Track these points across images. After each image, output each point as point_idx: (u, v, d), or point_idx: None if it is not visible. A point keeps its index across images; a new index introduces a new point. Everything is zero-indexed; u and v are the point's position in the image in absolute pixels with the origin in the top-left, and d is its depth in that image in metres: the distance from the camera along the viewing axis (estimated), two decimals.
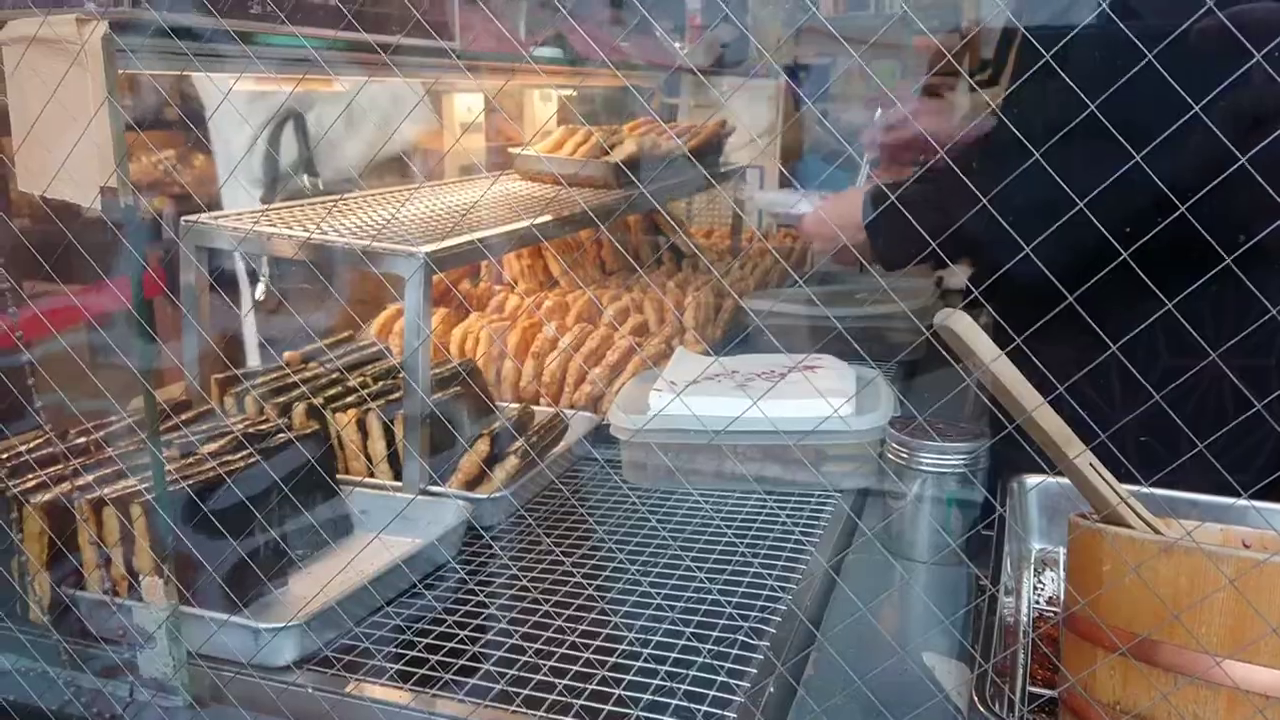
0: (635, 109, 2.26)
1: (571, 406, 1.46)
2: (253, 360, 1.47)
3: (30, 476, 0.95)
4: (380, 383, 1.31)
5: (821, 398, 1.24)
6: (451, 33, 1.15)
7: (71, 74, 0.75)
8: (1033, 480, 1.08)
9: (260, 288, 1.35)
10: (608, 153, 1.77)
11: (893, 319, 1.80)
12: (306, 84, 1.39)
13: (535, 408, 1.42)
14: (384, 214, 1.35)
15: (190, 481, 0.91)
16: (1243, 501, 0.90)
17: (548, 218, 1.43)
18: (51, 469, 0.96)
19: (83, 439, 1.03)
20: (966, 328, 0.60)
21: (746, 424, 1.18)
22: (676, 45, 2.27)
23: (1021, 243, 0.60)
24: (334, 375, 1.30)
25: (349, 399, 1.24)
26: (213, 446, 1.03)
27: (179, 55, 0.84)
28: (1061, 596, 0.95)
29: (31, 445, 1.00)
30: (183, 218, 1.18)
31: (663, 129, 2.08)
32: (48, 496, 0.91)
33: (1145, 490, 0.97)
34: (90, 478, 0.94)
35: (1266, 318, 1.03)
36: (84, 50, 0.73)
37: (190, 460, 0.99)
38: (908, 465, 1.12)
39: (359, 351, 1.42)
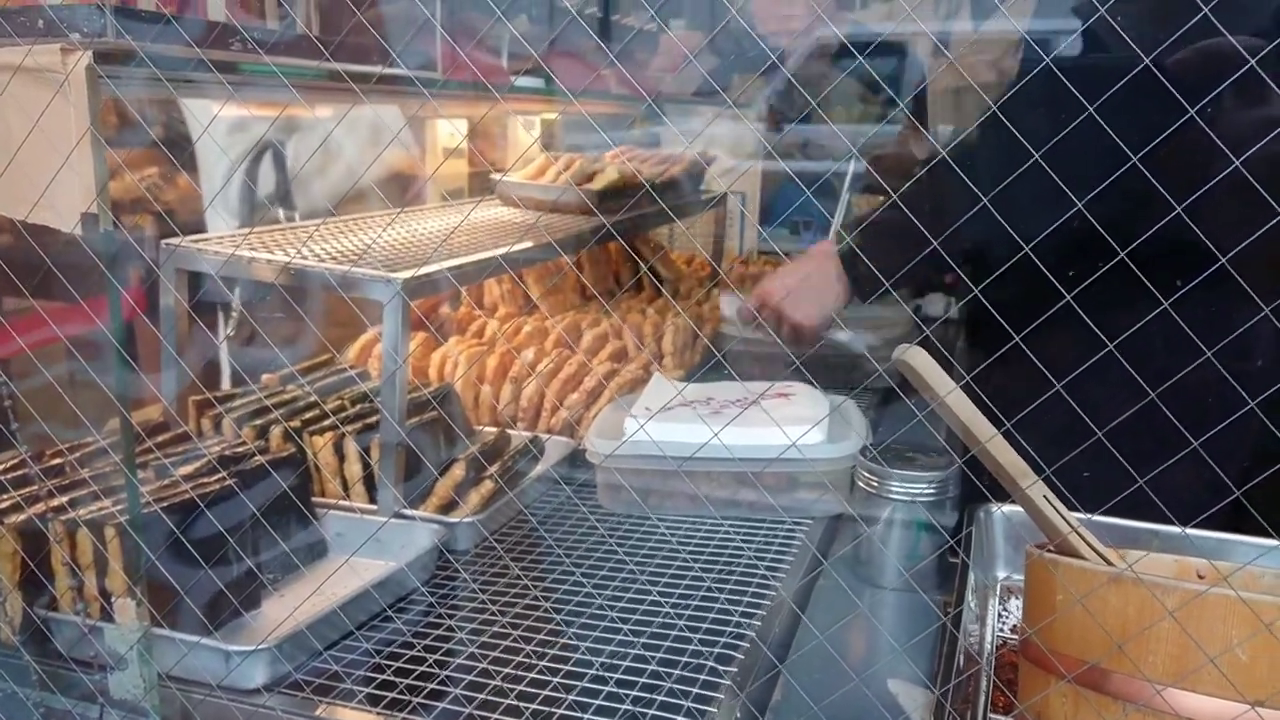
0: (617, 135, 2.28)
1: (549, 431, 1.48)
2: (231, 382, 1.48)
3: (5, 497, 0.95)
4: (358, 406, 1.32)
5: (794, 424, 1.26)
6: (433, 62, 1.17)
7: (55, 102, 0.76)
8: (997, 508, 1.10)
9: (233, 320, 1.36)
10: (589, 180, 1.80)
11: (871, 346, 1.82)
12: (288, 110, 1.41)
13: (512, 432, 1.43)
14: (363, 239, 1.37)
15: (165, 504, 0.92)
16: (1195, 531, 0.92)
17: (528, 244, 1.45)
18: (26, 490, 0.96)
19: (58, 460, 1.04)
20: (923, 363, 0.62)
21: (720, 450, 1.20)
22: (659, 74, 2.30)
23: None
24: (312, 399, 1.31)
25: (326, 422, 1.25)
26: (189, 469, 1.04)
27: (163, 81, 0.85)
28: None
29: (6, 466, 1.01)
30: (163, 241, 1.19)
31: (644, 156, 2.11)
32: (21, 517, 0.92)
33: (1107, 521, 1.00)
34: (64, 499, 0.94)
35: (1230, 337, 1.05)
36: (68, 79, 0.74)
37: (165, 483, 1.00)
38: (877, 492, 1.14)
39: (337, 375, 1.43)
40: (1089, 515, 0.98)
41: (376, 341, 1.64)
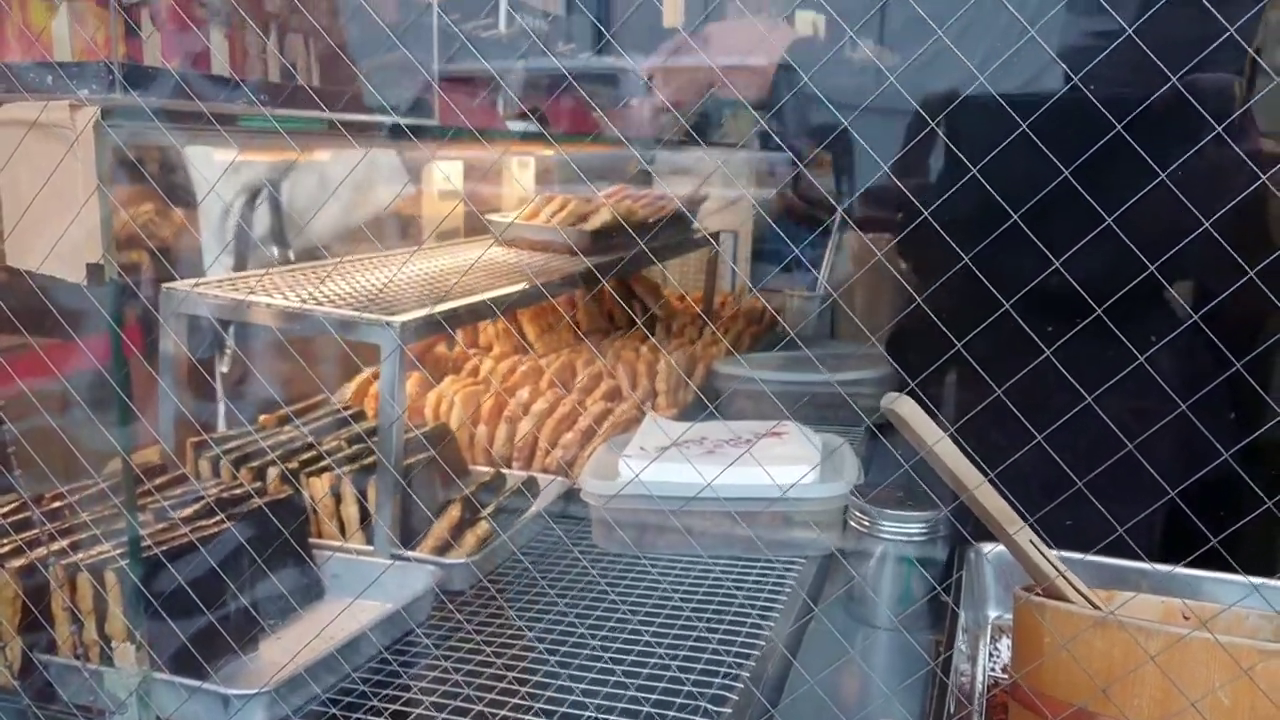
0: (611, 176, 2.31)
1: (544, 470, 1.49)
2: (227, 423, 1.49)
3: (5, 541, 0.96)
4: (354, 447, 1.33)
5: (787, 464, 1.27)
6: (430, 109, 1.20)
7: (61, 154, 0.78)
8: (988, 548, 1.12)
9: (226, 358, 1.37)
10: (583, 221, 1.82)
11: (860, 384, 1.84)
12: (285, 153, 1.43)
13: (507, 472, 1.44)
14: (361, 282, 1.39)
15: (164, 548, 0.93)
16: (1181, 570, 0.94)
17: (523, 285, 1.47)
18: (27, 534, 0.97)
19: (58, 503, 1.05)
20: (910, 411, 0.64)
21: (713, 490, 1.22)
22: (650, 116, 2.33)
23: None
24: (309, 439, 1.32)
25: (323, 464, 1.26)
26: (187, 512, 1.05)
27: (166, 134, 0.87)
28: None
29: (6, 510, 1.02)
30: (162, 285, 1.21)
31: (637, 196, 2.14)
32: (22, 561, 0.93)
33: (1094, 560, 1.01)
34: (65, 543, 0.95)
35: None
36: (76, 135, 0.76)
37: (164, 526, 1.01)
38: (869, 532, 1.15)
39: (334, 415, 1.44)
40: (1079, 555, 1.00)
41: (372, 381, 1.66)
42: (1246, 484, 0.88)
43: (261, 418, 1.41)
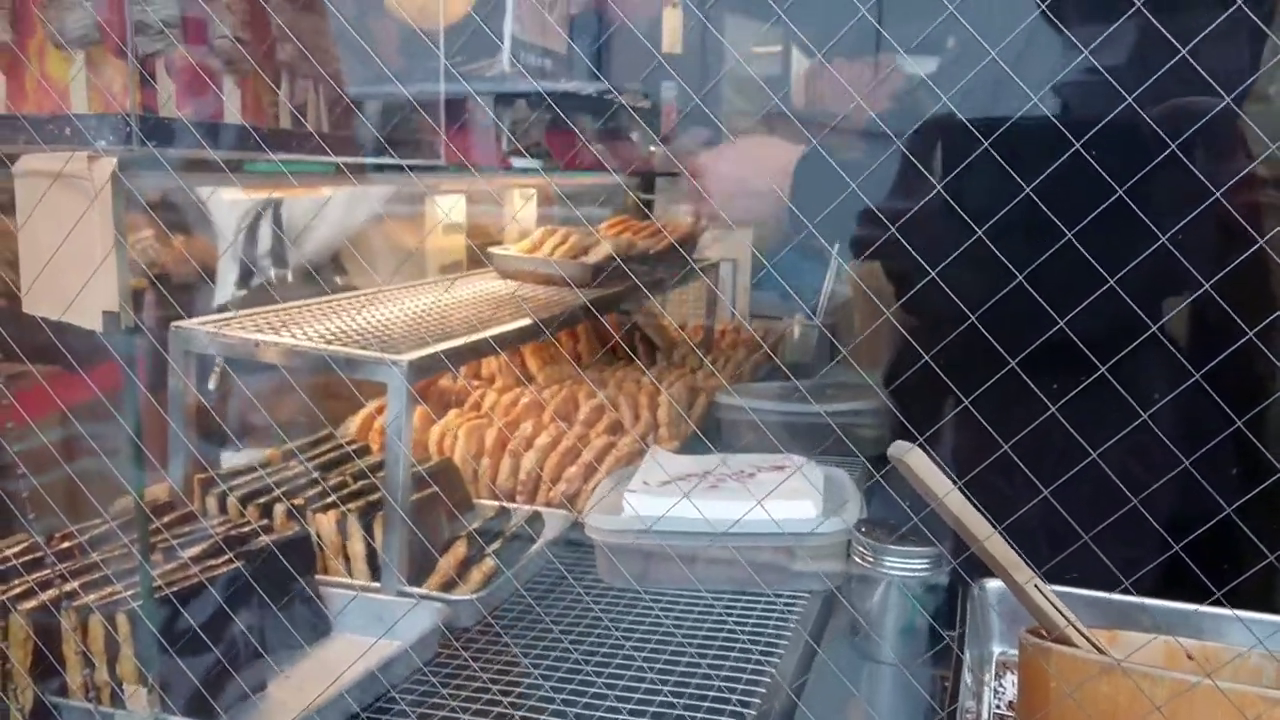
0: (612, 206, 2.34)
1: (548, 504, 1.50)
2: (236, 455, 1.50)
3: (17, 582, 0.97)
4: (360, 482, 1.33)
5: (790, 498, 1.28)
6: (435, 149, 1.22)
7: (79, 206, 0.79)
8: (992, 583, 1.12)
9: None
10: (584, 253, 1.84)
11: (861, 414, 1.85)
12: (293, 190, 1.45)
13: (512, 505, 1.45)
14: (366, 317, 1.40)
15: (175, 589, 0.93)
16: (1184, 606, 0.95)
17: (527, 321, 1.48)
18: (38, 575, 0.98)
19: (68, 543, 1.05)
20: (919, 462, 0.65)
21: (718, 525, 1.23)
22: (652, 148, 2.35)
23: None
24: (315, 474, 1.33)
25: (329, 499, 1.27)
26: (195, 551, 1.06)
27: (179, 180, 0.88)
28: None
29: (19, 550, 1.02)
30: (172, 324, 1.22)
31: (638, 228, 2.16)
32: (34, 603, 0.93)
33: (1095, 595, 1.02)
34: (76, 584, 0.96)
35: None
36: (94, 185, 0.78)
37: (173, 566, 1.01)
38: (873, 567, 1.16)
39: (339, 449, 1.45)
40: (1080, 591, 1.01)
41: (377, 415, 1.67)
42: (1247, 516, 0.89)
43: (267, 453, 1.41)
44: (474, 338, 1.32)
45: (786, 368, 2.45)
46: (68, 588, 0.95)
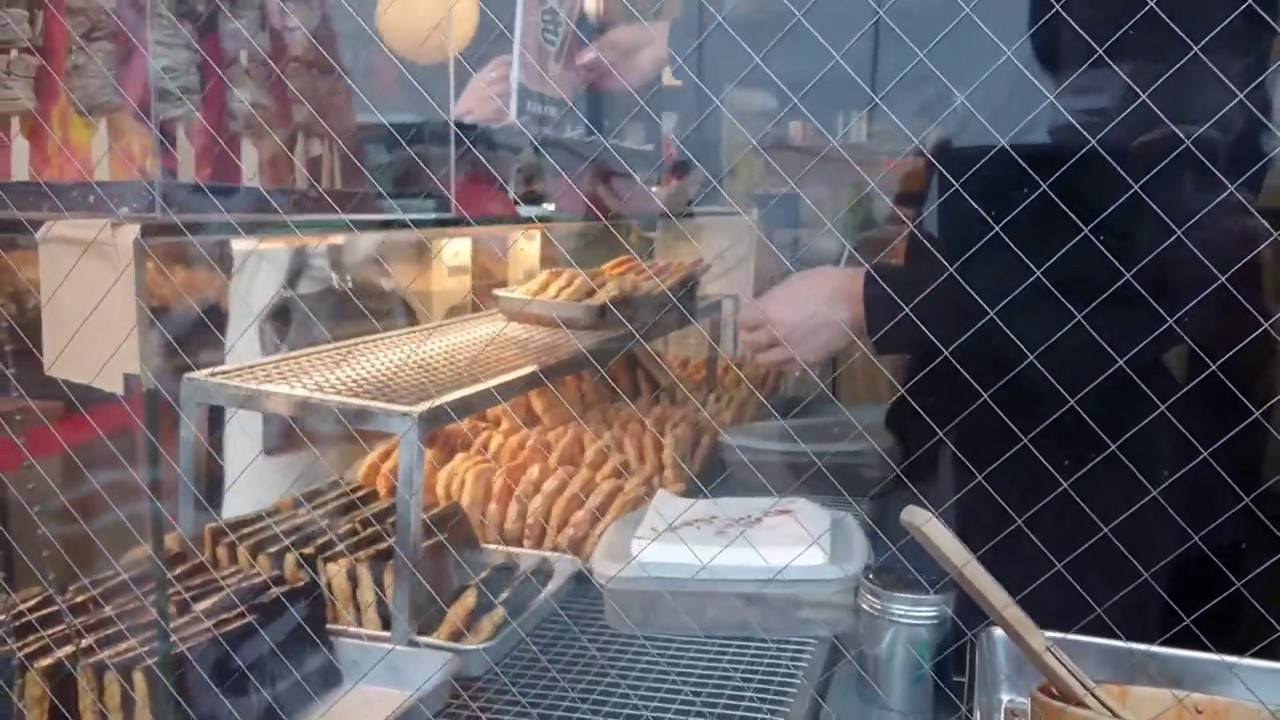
0: (615, 247, 2.35)
1: (555, 548, 1.50)
2: (243, 504, 1.50)
3: (33, 638, 0.97)
4: (369, 530, 1.34)
5: (795, 545, 1.29)
6: (445, 200, 1.24)
7: (102, 271, 0.81)
8: (1000, 631, 1.13)
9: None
10: (589, 295, 1.86)
11: (865, 454, 1.85)
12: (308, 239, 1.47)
13: (520, 550, 1.46)
14: (373, 366, 1.42)
15: (190, 646, 0.94)
16: (1191, 654, 0.95)
17: (534, 367, 1.49)
18: (54, 630, 0.98)
19: (82, 597, 1.06)
20: (932, 529, 0.66)
21: (724, 572, 1.24)
22: (653, 190, 2.38)
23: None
24: (325, 523, 1.34)
25: (338, 548, 1.28)
26: (207, 604, 1.06)
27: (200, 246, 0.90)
28: None
29: (33, 604, 1.03)
30: (184, 376, 1.23)
31: (641, 268, 2.18)
32: (49, 660, 0.94)
33: (1102, 643, 1.03)
34: (91, 639, 0.96)
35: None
36: (116, 252, 0.79)
37: (187, 620, 1.02)
38: (880, 615, 1.16)
39: (347, 496, 1.46)
40: (1087, 639, 1.01)
41: (384, 459, 1.68)
42: (1253, 559, 0.90)
43: (276, 500, 1.42)
44: (483, 386, 1.33)
45: (789, 404, 2.46)
46: (84, 643, 0.95)
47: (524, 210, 1.56)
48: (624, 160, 2.05)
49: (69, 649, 0.94)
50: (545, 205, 1.68)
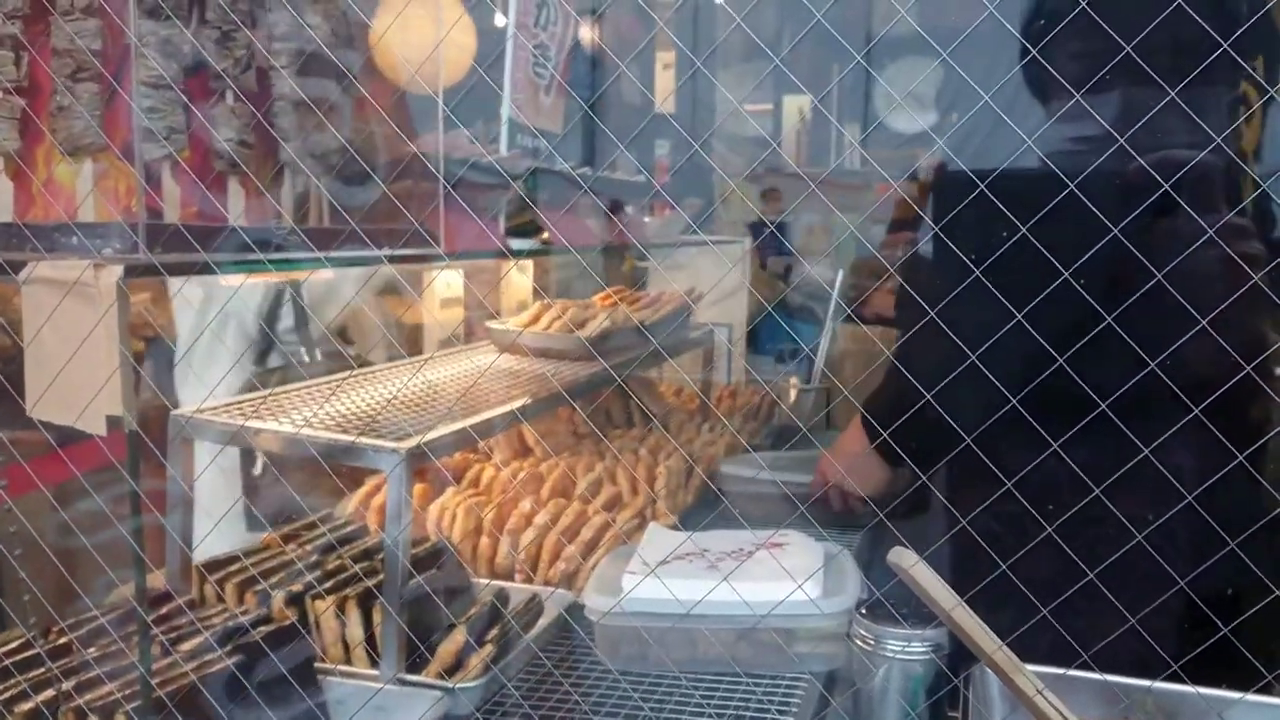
0: (608, 277, 2.36)
1: (547, 582, 1.49)
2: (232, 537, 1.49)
3: (12, 682, 0.96)
4: (359, 565, 1.33)
5: (787, 580, 1.28)
6: (436, 237, 1.24)
7: (83, 311, 0.80)
8: None
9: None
10: (581, 326, 1.85)
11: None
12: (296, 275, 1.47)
13: (511, 585, 1.45)
14: (362, 401, 1.41)
15: (172, 688, 0.93)
16: (1186, 689, 0.94)
17: (526, 400, 1.49)
18: (33, 674, 0.97)
19: (63, 639, 1.05)
20: (923, 574, 0.65)
21: (716, 607, 1.22)
22: (646, 219, 2.39)
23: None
24: (312, 559, 1.33)
25: (327, 584, 1.26)
26: (192, 644, 1.05)
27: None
28: None
29: (13, 647, 1.02)
30: (171, 412, 1.23)
31: (633, 298, 2.18)
32: (29, 706, 0.92)
33: (1099, 678, 1.02)
34: (71, 683, 0.95)
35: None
36: (99, 293, 0.79)
37: (170, 661, 1.01)
38: (874, 650, 1.15)
39: (337, 531, 1.44)
40: (1081, 674, 1.00)
41: (374, 493, 1.66)
42: (1261, 595, 0.89)
43: (264, 537, 1.41)
44: (473, 420, 1.32)
45: (782, 432, 2.46)
46: (65, 687, 0.94)
47: (515, 244, 1.56)
48: (616, 190, 2.06)
49: (50, 693, 0.92)
50: (537, 238, 1.68)
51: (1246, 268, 1.14)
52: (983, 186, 0.85)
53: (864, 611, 1.17)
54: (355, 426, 1.25)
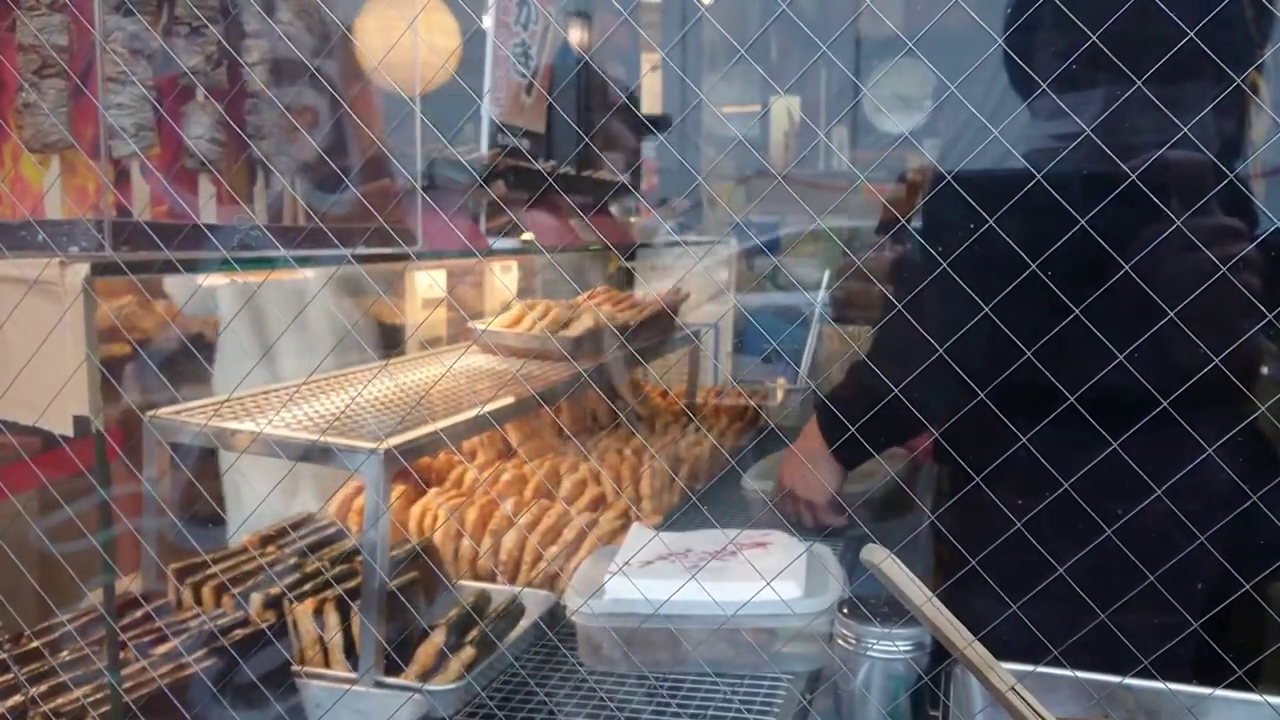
0: (592, 278, 2.35)
1: (529, 583, 1.48)
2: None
3: None
4: (338, 567, 1.32)
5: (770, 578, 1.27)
6: (414, 235, 1.23)
7: (49, 310, 0.79)
8: None
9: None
10: (565, 327, 1.84)
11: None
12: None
13: (492, 586, 1.44)
14: (342, 401, 1.40)
15: (143, 693, 0.92)
16: (1167, 686, 0.94)
17: (510, 399, 1.48)
18: (2, 679, 0.96)
19: (33, 644, 1.03)
20: (890, 568, 0.65)
21: (698, 606, 1.22)
22: (631, 220, 2.38)
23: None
24: (291, 560, 1.31)
25: (307, 586, 1.25)
26: (166, 647, 1.04)
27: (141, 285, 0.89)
28: None
29: None
30: (147, 413, 1.21)
31: (618, 299, 2.17)
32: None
33: (1077, 675, 1.01)
34: (42, 687, 0.94)
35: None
36: (64, 292, 0.78)
37: (142, 665, 0.99)
38: (855, 649, 1.15)
39: (318, 533, 1.43)
40: (1066, 672, 1.00)
41: (355, 495, 1.65)
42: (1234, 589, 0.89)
43: (244, 538, 1.40)
44: (455, 420, 1.31)
45: (768, 434, 2.45)
46: (34, 692, 0.93)
47: (497, 243, 1.55)
48: (600, 190, 2.05)
49: (17, 698, 0.91)
50: (520, 237, 1.67)
51: (1226, 267, 1.14)
52: (963, 193, 0.84)
53: (846, 611, 1.17)
54: (334, 428, 1.24)
